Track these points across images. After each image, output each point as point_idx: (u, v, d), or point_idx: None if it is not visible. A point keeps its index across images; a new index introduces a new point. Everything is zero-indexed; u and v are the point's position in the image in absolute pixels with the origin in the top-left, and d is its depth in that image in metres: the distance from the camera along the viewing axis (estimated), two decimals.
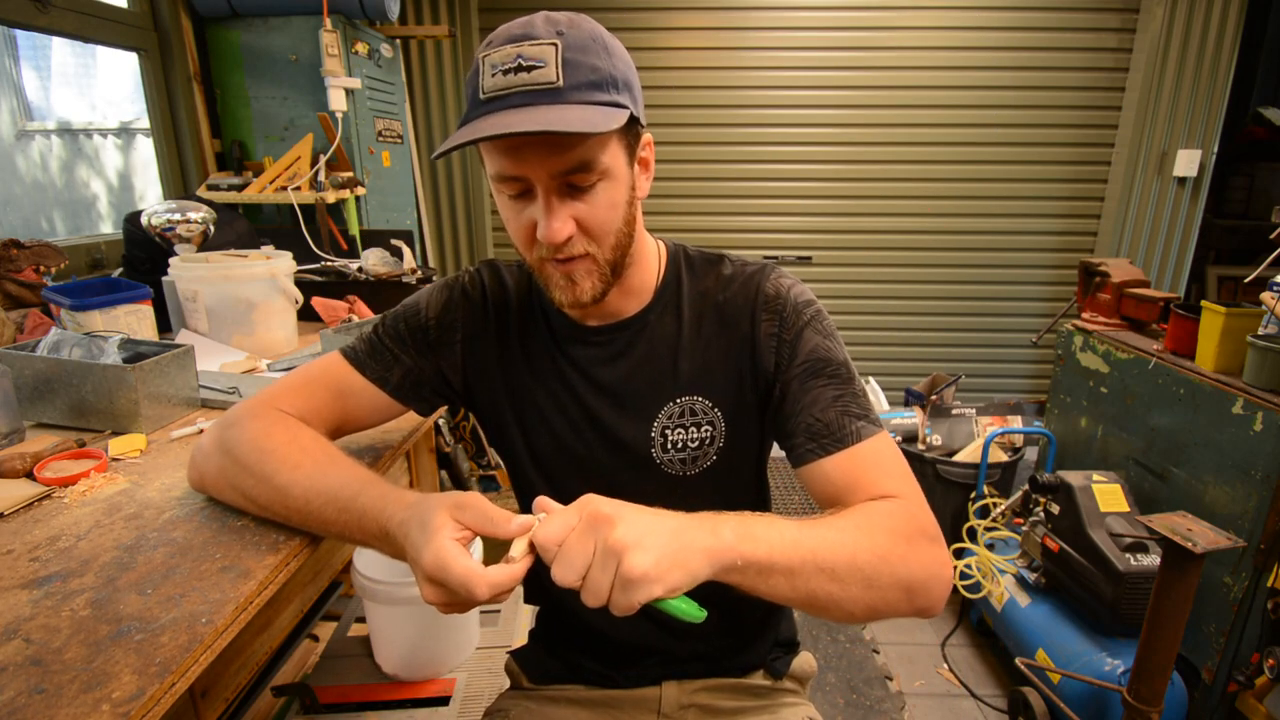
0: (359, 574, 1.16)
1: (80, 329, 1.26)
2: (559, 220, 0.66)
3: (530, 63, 0.62)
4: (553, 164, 0.64)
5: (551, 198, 0.67)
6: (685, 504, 0.75)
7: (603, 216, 0.69)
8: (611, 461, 0.81)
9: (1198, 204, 3.02)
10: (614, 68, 0.66)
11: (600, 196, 0.68)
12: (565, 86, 0.63)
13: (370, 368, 0.82)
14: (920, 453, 2.29)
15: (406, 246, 1.96)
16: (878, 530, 0.63)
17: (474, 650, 1.31)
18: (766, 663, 0.92)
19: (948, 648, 2.11)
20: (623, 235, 0.72)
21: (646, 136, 0.74)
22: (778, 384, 0.77)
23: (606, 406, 0.80)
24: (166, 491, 0.87)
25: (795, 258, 3.25)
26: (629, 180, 0.71)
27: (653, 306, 0.81)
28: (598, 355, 0.81)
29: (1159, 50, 2.87)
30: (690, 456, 0.80)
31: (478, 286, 0.85)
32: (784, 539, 0.59)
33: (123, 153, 4.35)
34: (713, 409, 0.80)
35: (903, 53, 3.01)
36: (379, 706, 1.18)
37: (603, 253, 0.71)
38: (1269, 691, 1.53)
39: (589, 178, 0.66)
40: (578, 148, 0.64)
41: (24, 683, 0.54)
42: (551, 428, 0.82)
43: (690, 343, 0.80)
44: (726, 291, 0.80)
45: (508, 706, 0.90)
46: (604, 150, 0.66)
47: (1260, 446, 1.50)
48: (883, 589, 0.61)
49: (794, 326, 0.77)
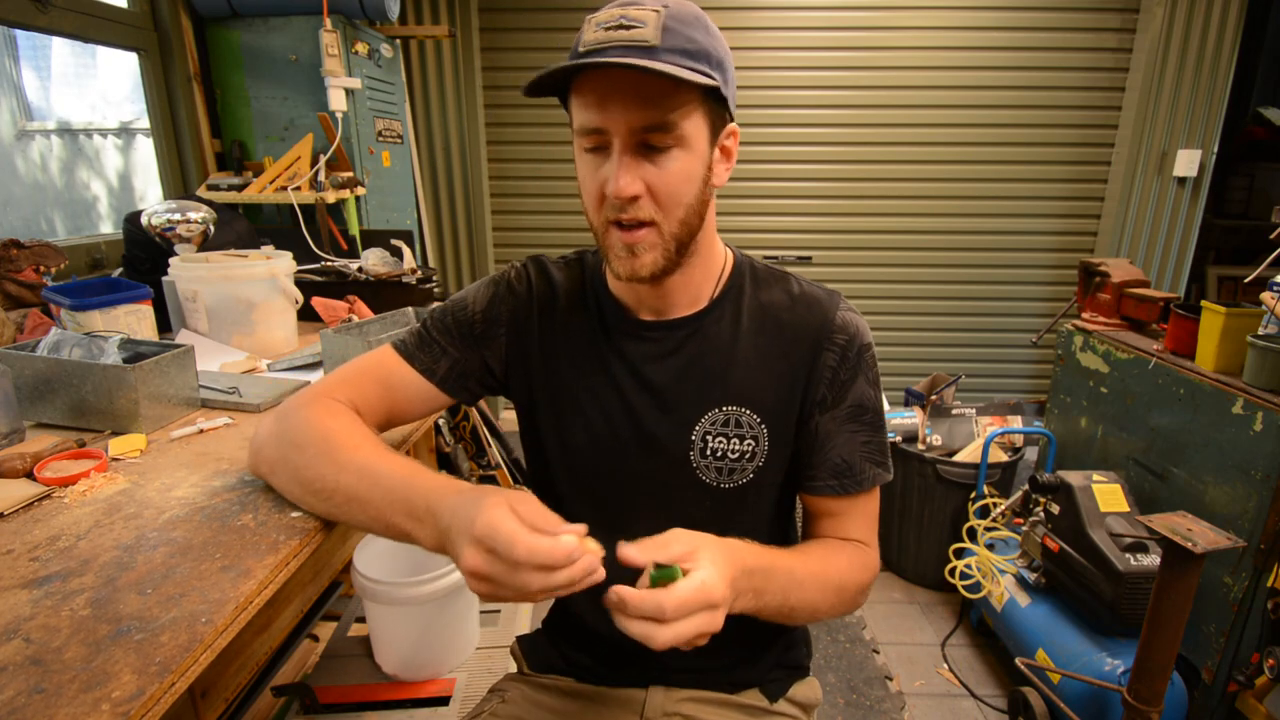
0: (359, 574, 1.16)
1: (80, 329, 1.26)
2: (629, 175, 0.67)
3: (632, 22, 0.64)
4: (634, 116, 0.65)
5: (626, 154, 0.67)
6: (715, 521, 0.77)
7: (674, 185, 0.68)
8: (646, 462, 0.80)
9: (1198, 204, 3.02)
10: (712, 45, 0.67)
11: (675, 164, 0.68)
12: (661, 47, 0.64)
13: (419, 359, 0.83)
14: (920, 453, 2.29)
15: (406, 246, 1.96)
16: (848, 585, 0.77)
17: (474, 650, 1.31)
18: (763, 682, 0.90)
19: (948, 648, 2.11)
20: (692, 214, 0.71)
21: (733, 126, 0.74)
22: (817, 417, 0.79)
23: (649, 405, 0.79)
24: (166, 491, 0.87)
25: (795, 258, 3.25)
26: (707, 159, 0.71)
27: (711, 309, 0.80)
28: (649, 351, 0.80)
29: (1159, 50, 2.87)
30: (729, 468, 0.79)
31: (524, 280, 0.85)
32: (786, 595, 0.71)
33: (123, 153, 4.35)
34: (759, 424, 0.79)
35: (903, 53, 3.01)
36: (379, 706, 1.18)
37: (669, 225, 0.70)
38: (1269, 691, 1.53)
39: (666, 139, 0.66)
40: (660, 104, 0.65)
41: (24, 682, 0.54)
42: (588, 421, 0.81)
43: (746, 353, 0.79)
44: (794, 311, 0.80)
45: (507, 687, 0.92)
46: (686, 117, 0.66)
47: (1260, 446, 1.50)
48: (826, 617, 0.78)
49: (852, 367, 0.78)
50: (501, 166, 3.20)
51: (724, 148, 0.74)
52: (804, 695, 0.93)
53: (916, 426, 2.36)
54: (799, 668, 0.95)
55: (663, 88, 0.64)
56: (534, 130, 3.14)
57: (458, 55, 2.96)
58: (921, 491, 2.30)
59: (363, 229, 2.22)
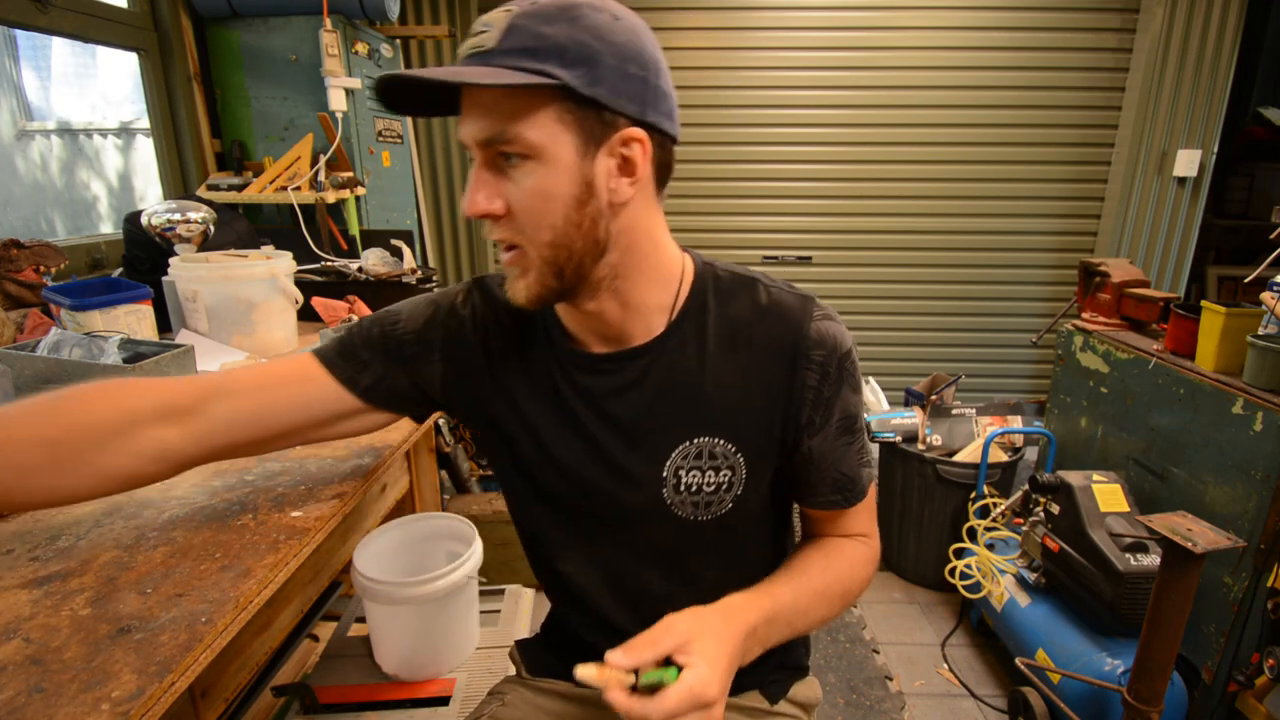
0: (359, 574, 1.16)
1: (80, 329, 1.26)
2: (480, 193, 0.62)
3: (482, 27, 0.61)
4: (473, 130, 0.61)
5: (481, 169, 0.63)
6: (698, 551, 0.78)
7: (528, 204, 0.62)
8: (621, 499, 0.75)
9: (1198, 204, 3.02)
10: (570, 38, 0.58)
11: (527, 180, 0.61)
12: (495, 50, 0.59)
13: (340, 368, 0.77)
14: (920, 453, 2.29)
15: (406, 246, 1.96)
16: (853, 587, 0.78)
17: (474, 650, 1.31)
18: (764, 684, 0.89)
19: (948, 648, 2.11)
20: (569, 236, 0.63)
21: (634, 133, 0.62)
22: (807, 439, 0.74)
23: (616, 441, 0.74)
24: (166, 491, 0.87)
25: (795, 258, 3.25)
26: (579, 174, 0.61)
27: (671, 332, 0.72)
28: (607, 385, 0.73)
29: (1159, 50, 2.87)
30: (705, 501, 0.74)
31: (467, 305, 0.79)
32: (793, 627, 0.72)
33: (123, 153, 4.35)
34: (735, 453, 0.73)
35: (903, 53, 3.01)
36: (379, 706, 1.18)
37: (534, 249, 0.63)
38: (1269, 691, 1.53)
39: (510, 150, 0.60)
40: (494, 113, 0.60)
41: (24, 682, 0.55)
42: (557, 461, 0.75)
43: (715, 378, 0.72)
44: (763, 325, 0.72)
45: (506, 690, 0.92)
46: (527, 123, 0.59)
47: (1260, 446, 1.50)
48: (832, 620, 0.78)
49: (835, 382, 0.72)
50: None
51: (624, 159, 0.63)
52: (804, 695, 0.93)
53: (916, 426, 2.36)
54: (799, 668, 0.94)
55: (494, 95, 0.59)
56: None
57: (458, 55, 2.96)
58: (921, 491, 2.30)
59: (363, 229, 2.22)
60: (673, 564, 0.78)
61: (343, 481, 0.91)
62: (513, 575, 2.17)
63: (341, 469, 0.95)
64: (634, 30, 0.62)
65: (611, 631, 0.82)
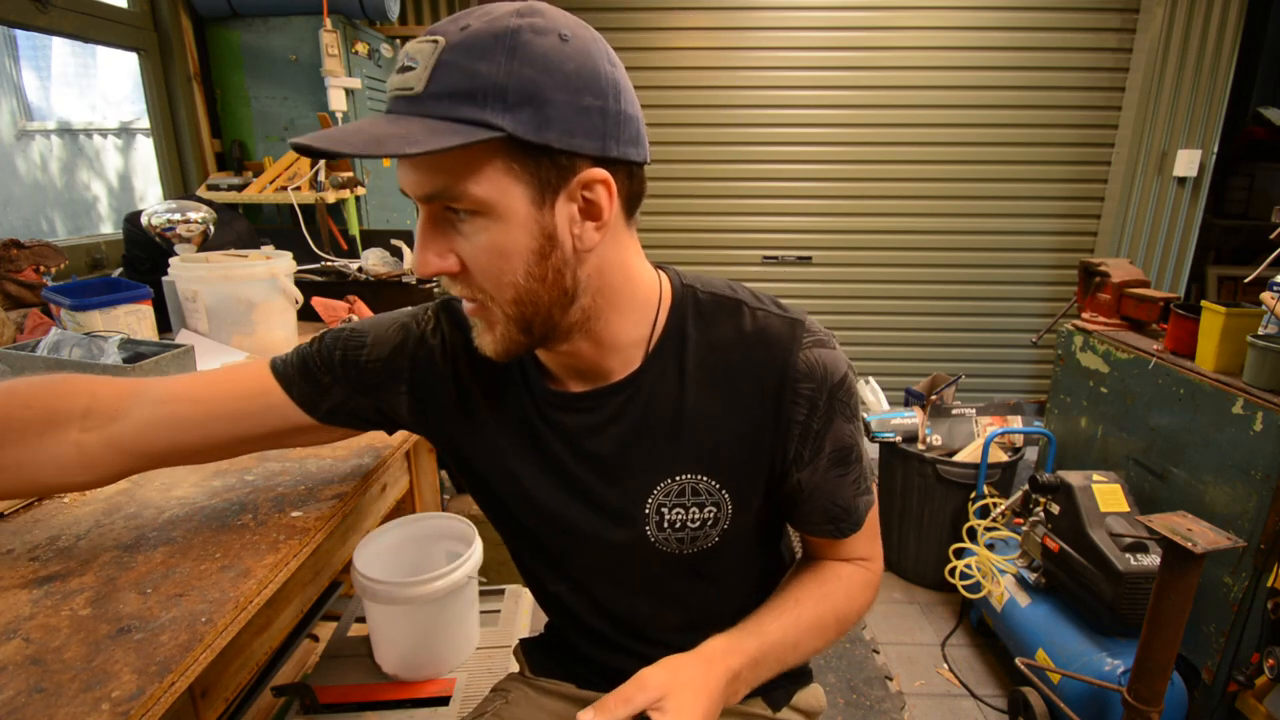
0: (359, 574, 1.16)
1: (80, 329, 1.26)
2: (430, 250, 0.57)
3: (410, 62, 0.53)
4: (413, 184, 0.55)
5: (426, 223, 0.57)
6: (685, 579, 0.77)
7: (483, 261, 0.56)
8: (604, 535, 0.72)
9: (1198, 204, 3.02)
10: (510, 74, 0.51)
11: (480, 237, 0.56)
12: (424, 95, 0.52)
13: (298, 388, 0.73)
14: (920, 453, 2.29)
15: (406, 246, 1.96)
16: (850, 614, 0.77)
17: (474, 650, 1.31)
18: (767, 691, 0.87)
19: (948, 648, 2.11)
20: (533, 292, 0.58)
21: (593, 174, 0.56)
22: (795, 472, 0.70)
23: (595, 479, 0.71)
24: (166, 491, 0.87)
25: (795, 258, 3.25)
26: (536, 226, 0.55)
27: (649, 365, 0.68)
28: (584, 423, 0.69)
29: (1159, 50, 2.88)
30: (690, 536, 0.71)
31: (436, 334, 0.74)
32: (783, 663, 0.71)
33: (123, 153, 4.36)
34: (719, 490, 0.69)
35: (902, 53, 3.01)
36: (379, 706, 1.18)
37: (499, 306, 0.59)
38: (1269, 691, 1.53)
39: (458, 207, 0.55)
40: (431, 170, 0.53)
41: (24, 682, 0.55)
42: (535, 500, 0.73)
43: (696, 411, 0.68)
44: (746, 355, 0.67)
45: (510, 687, 0.92)
46: (472, 179, 0.53)
47: (1260, 446, 1.50)
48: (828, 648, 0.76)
49: (825, 415, 0.68)
50: None
51: (587, 201, 0.57)
52: (807, 703, 0.92)
53: (916, 426, 2.36)
54: (802, 674, 0.94)
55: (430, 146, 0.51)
56: None
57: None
58: (921, 491, 2.30)
59: (363, 229, 2.22)
60: (660, 591, 0.78)
61: (343, 481, 0.91)
62: (512, 575, 2.16)
63: (341, 469, 0.95)
64: (585, 51, 0.54)
65: (605, 644, 0.83)
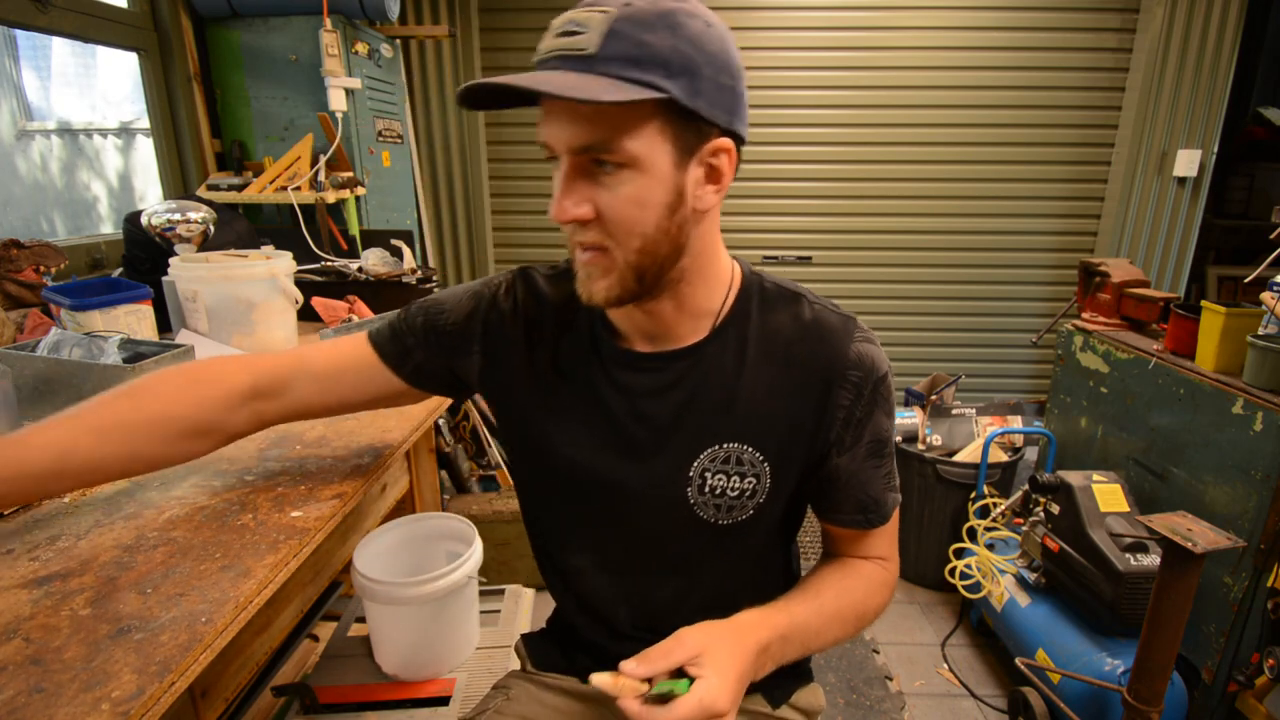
0: (359, 574, 1.16)
1: (80, 329, 1.26)
2: (570, 199, 0.63)
3: (576, 27, 0.59)
4: (569, 135, 0.61)
5: (569, 173, 0.63)
6: (710, 556, 0.78)
7: (622, 211, 0.62)
8: (643, 496, 0.76)
9: (1198, 204, 3.02)
10: (673, 49, 0.58)
11: (623, 188, 0.62)
12: (598, 56, 0.58)
13: (387, 351, 0.83)
14: (920, 453, 2.29)
15: (406, 246, 1.96)
16: (868, 612, 0.79)
17: (474, 650, 1.31)
18: (767, 688, 0.88)
19: (948, 648, 2.11)
20: (657, 243, 0.64)
21: (722, 143, 0.64)
22: (834, 457, 0.75)
23: (647, 438, 0.75)
24: (166, 491, 0.87)
25: (795, 258, 3.25)
26: (673, 183, 0.63)
27: (714, 338, 0.73)
28: (647, 384, 0.74)
29: (1159, 50, 2.87)
30: (728, 505, 0.75)
31: (509, 298, 0.80)
32: (807, 647, 0.73)
33: (123, 153, 4.36)
34: (761, 462, 0.74)
35: (902, 53, 3.01)
36: (379, 706, 1.18)
37: (623, 253, 0.64)
38: (1269, 691, 1.53)
39: (609, 159, 0.61)
40: (596, 122, 0.59)
41: (24, 682, 0.55)
42: (582, 451, 0.76)
43: (750, 388, 0.73)
44: (804, 341, 0.73)
45: (510, 684, 0.92)
46: (633, 135, 0.60)
47: (1260, 446, 1.50)
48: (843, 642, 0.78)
49: (869, 405, 0.74)
50: (501, 166, 3.20)
51: (710, 167, 0.65)
52: (807, 702, 0.93)
53: (916, 426, 2.36)
54: (802, 673, 0.94)
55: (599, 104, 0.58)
56: (534, 130, 3.13)
57: (458, 55, 2.96)
58: (921, 491, 2.29)
59: (363, 229, 2.22)
60: (684, 567, 0.80)
61: (343, 481, 0.91)
62: (512, 575, 2.17)
63: (341, 469, 0.95)
64: (723, 38, 0.62)
65: (616, 634, 0.83)
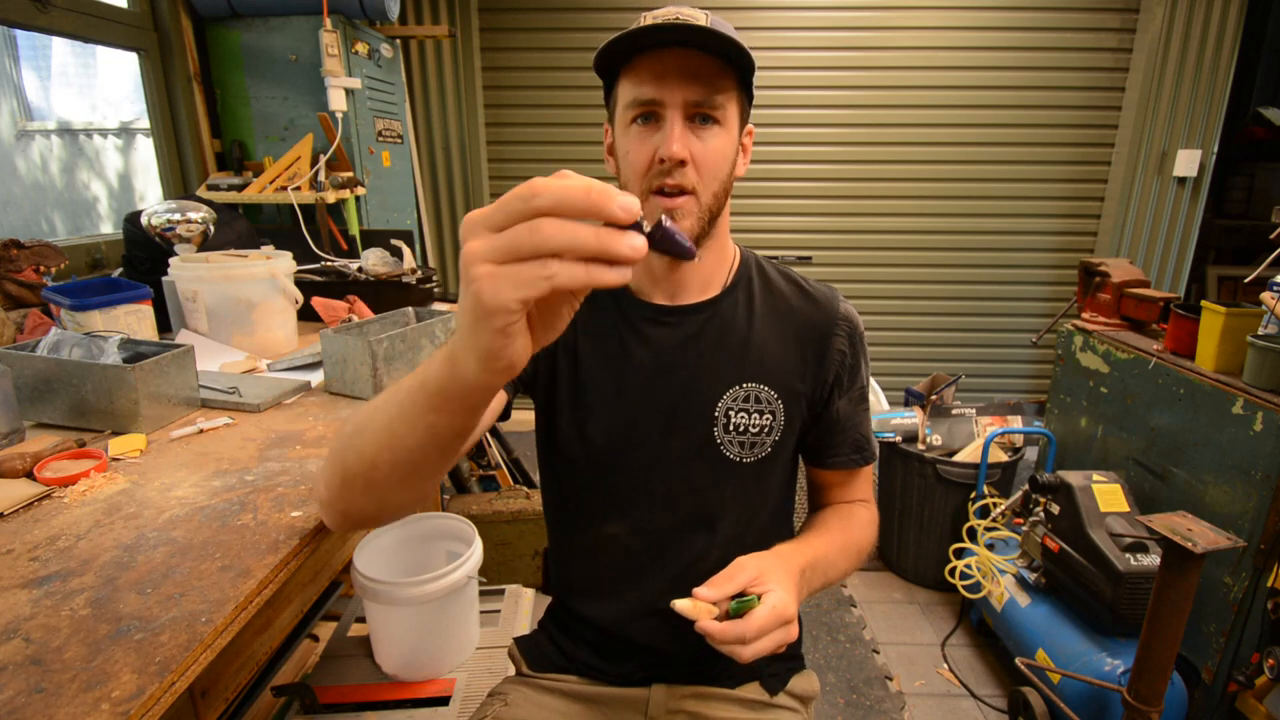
0: (359, 574, 1.16)
1: (80, 329, 1.26)
2: (681, 142, 0.72)
3: (687, 18, 0.71)
4: (690, 90, 0.72)
5: (683, 125, 0.73)
6: (738, 499, 0.85)
7: (714, 158, 0.75)
8: (670, 442, 0.84)
9: (1198, 204, 3.02)
10: (741, 46, 0.72)
11: (716, 140, 0.75)
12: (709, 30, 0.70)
13: None
14: (920, 453, 2.29)
15: (406, 246, 1.96)
16: (865, 546, 0.88)
17: (474, 650, 1.31)
18: (763, 676, 0.92)
19: (948, 648, 2.11)
20: (723, 192, 0.78)
21: (750, 126, 0.81)
22: (833, 400, 0.87)
23: (674, 387, 0.83)
24: (166, 491, 0.87)
25: (795, 258, 3.25)
26: (735, 145, 0.78)
27: (726, 294, 0.86)
28: (670, 335, 0.84)
29: (1159, 50, 2.88)
30: (750, 442, 0.84)
31: None
32: (826, 576, 0.80)
33: (123, 153, 4.36)
34: (776, 399, 0.84)
35: (903, 53, 3.01)
36: (379, 706, 1.18)
37: (705, 196, 0.76)
38: (1269, 691, 1.53)
39: (712, 115, 0.74)
40: (710, 83, 0.73)
41: (24, 682, 0.55)
42: (610, 402, 0.84)
43: (761, 335, 0.85)
44: (803, 301, 0.88)
45: (507, 690, 0.92)
46: (728, 99, 0.75)
47: (1260, 446, 1.50)
48: None
49: (856, 353, 0.88)
50: (501, 166, 3.20)
51: (743, 143, 0.81)
52: (803, 688, 0.95)
53: (916, 426, 2.36)
54: (796, 659, 0.97)
55: (711, 70, 0.72)
56: (534, 130, 3.14)
57: (458, 55, 2.96)
58: (921, 491, 2.29)
59: (363, 229, 2.22)
60: (709, 519, 0.86)
61: None
62: (512, 575, 2.17)
63: None
64: None
65: (635, 611, 0.86)
